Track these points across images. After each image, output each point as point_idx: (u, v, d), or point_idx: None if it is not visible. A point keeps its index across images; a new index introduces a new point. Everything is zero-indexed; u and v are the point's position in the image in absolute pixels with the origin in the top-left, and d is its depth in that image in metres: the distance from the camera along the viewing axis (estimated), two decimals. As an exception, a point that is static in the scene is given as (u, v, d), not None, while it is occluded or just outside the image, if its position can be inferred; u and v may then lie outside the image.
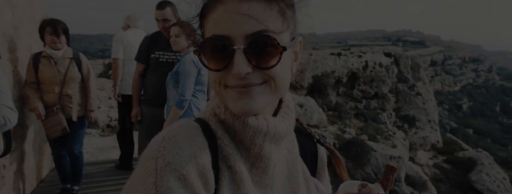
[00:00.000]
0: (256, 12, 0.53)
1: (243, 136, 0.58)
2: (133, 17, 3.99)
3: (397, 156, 11.20)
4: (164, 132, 0.54)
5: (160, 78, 2.78)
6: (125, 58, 3.72)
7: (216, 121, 0.61)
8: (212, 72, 0.56)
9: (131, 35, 3.80)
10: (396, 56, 19.82)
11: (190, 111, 2.61)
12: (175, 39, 2.54)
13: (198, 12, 0.59)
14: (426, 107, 17.79)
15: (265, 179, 0.61)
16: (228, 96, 0.56)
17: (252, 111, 0.55)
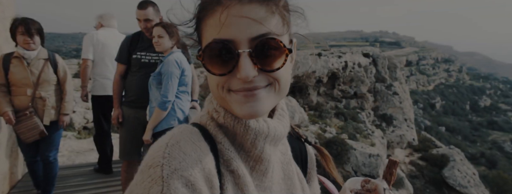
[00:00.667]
0: (259, 15, 0.52)
1: (244, 140, 0.58)
2: (106, 16, 3.88)
3: (376, 154, 11.54)
4: (166, 138, 0.53)
5: (142, 79, 2.72)
6: (96, 58, 3.61)
7: (214, 125, 0.60)
8: (213, 76, 0.55)
9: (102, 35, 3.69)
10: (374, 56, 20.38)
11: (174, 113, 2.56)
12: (158, 40, 2.49)
13: (194, 16, 0.58)
14: (402, 106, 18.43)
15: (264, 182, 0.61)
16: (232, 100, 0.55)
17: (259, 114, 0.55)
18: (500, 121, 61.02)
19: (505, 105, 79.12)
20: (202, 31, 0.57)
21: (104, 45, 3.58)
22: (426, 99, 58.04)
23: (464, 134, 48.69)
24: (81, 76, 3.67)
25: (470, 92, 77.33)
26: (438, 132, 39.64)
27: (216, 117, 0.60)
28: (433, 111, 54.99)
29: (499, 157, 39.78)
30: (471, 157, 30.72)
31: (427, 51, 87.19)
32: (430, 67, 79.85)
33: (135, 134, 2.77)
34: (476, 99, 74.16)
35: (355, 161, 11.35)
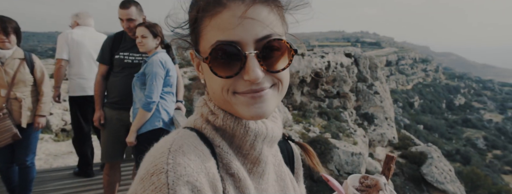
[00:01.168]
0: (262, 16, 0.53)
1: (243, 141, 0.58)
2: (82, 15, 3.77)
3: (358, 153, 11.78)
4: (167, 144, 0.50)
5: (125, 80, 2.67)
6: (71, 57, 3.51)
7: (211, 128, 0.59)
8: (217, 79, 0.54)
9: (78, 33, 3.57)
10: (356, 56, 20.79)
11: (158, 114, 2.51)
12: (142, 40, 2.44)
13: (193, 17, 0.56)
14: (383, 105, 18.90)
15: (261, 184, 0.61)
16: (239, 102, 0.55)
17: (266, 115, 0.55)
18: (473, 119, 63.79)
19: (478, 104, 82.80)
20: (201, 32, 0.55)
21: (79, 44, 3.47)
22: (405, 98, 59.84)
23: (441, 132, 50.56)
24: (54, 77, 3.54)
25: (446, 91, 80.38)
26: (417, 130, 40.97)
27: (212, 120, 0.59)
28: (412, 110, 56.77)
29: (472, 153, 41.56)
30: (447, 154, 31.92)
31: (406, 51, 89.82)
32: (409, 67, 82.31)
33: (118, 136, 2.72)
34: (451, 97, 77.17)
35: (338, 160, 11.54)
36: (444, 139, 46.55)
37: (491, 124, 64.68)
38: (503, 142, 54.06)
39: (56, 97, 3.57)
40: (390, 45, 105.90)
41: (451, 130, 55.31)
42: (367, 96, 19.14)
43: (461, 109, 73.27)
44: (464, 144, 48.81)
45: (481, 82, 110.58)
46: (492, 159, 45.44)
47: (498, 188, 26.74)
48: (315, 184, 11.80)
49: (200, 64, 0.61)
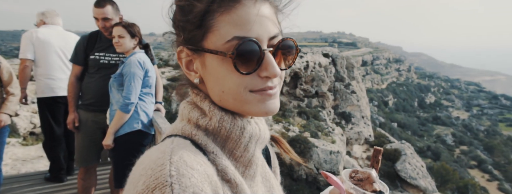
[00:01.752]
0: (270, 15, 0.54)
1: (237, 144, 0.56)
2: (49, 13, 3.60)
3: (336, 151, 12.03)
4: (165, 155, 0.46)
5: (101, 81, 2.59)
6: (38, 57, 3.35)
7: (202, 134, 0.55)
8: (233, 77, 0.53)
9: (43, 32, 3.41)
10: (333, 56, 21.23)
11: (137, 115, 2.45)
12: (119, 40, 2.36)
13: (203, 10, 0.53)
14: (360, 104, 19.43)
15: (253, 186, 0.60)
16: (254, 100, 0.54)
17: (276, 111, 0.56)
18: (442, 116, 67.07)
19: (447, 102, 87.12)
20: (212, 27, 0.53)
21: (46, 43, 3.32)
22: (380, 97, 61.88)
23: (413, 129, 52.73)
24: (19, 78, 3.35)
25: (417, 90, 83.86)
26: (391, 128, 42.47)
27: (204, 124, 0.56)
28: (387, 108, 58.80)
29: (442, 149, 43.69)
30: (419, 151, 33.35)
31: (380, 51, 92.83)
32: (383, 67, 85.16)
33: (93, 139, 2.65)
34: (423, 96, 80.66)
35: (317, 158, 11.73)
36: (417, 136, 48.62)
37: (458, 121, 68.27)
38: (469, 138, 57.26)
39: (23, 98, 3.38)
40: (365, 46, 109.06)
41: (422, 127, 57.86)
42: (344, 95, 19.61)
43: (431, 107, 76.81)
44: (434, 140, 51.24)
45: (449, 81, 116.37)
46: (460, 155, 48.01)
47: (464, 182, 28.31)
48: (295, 182, 11.93)
49: (193, 62, 0.58)
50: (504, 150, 51.95)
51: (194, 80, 0.58)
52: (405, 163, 15.75)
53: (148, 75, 2.43)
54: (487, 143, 54.37)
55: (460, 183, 27.81)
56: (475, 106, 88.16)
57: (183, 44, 0.57)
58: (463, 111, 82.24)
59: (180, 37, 0.57)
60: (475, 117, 76.52)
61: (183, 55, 0.58)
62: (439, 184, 22.14)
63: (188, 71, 0.59)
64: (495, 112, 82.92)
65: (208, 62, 0.55)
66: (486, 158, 47.91)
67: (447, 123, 64.01)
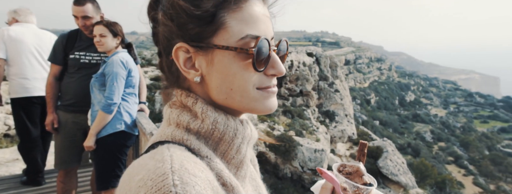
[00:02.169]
0: (268, 15, 0.57)
1: (229, 146, 0.55)
2: (22, 11, 3.47)
3: (321, 149, 12.20)
4: (165, 164, 0.43)
5: (81, 81, 2.52)
6: (10, 56, 3.22)
7: (194, 138, 0.53)
8: (246, 74, 0.54)
9: (15, 30, 3.29)
10: (317, 55, 21.48)
11: (120, 116, 2.41)
12: (101, 39, 2.30)
13: (216, 7, 0.53)
14: (343, 102, 19.77)
15: (244, 187, 0.60)
16: (261, 97, 0.56)
17: (276, 108, 0.59)
18: (422, 114, 69.22)
19: (426, 100, 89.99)
20: (225, 23, 0.53)
21: (18, 41, 3.20)
22: (363, 96, 63.16)
23: (394, 127, 54.16)
24: None
25: (398, 88, 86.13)
26: (373, 125, 43.45)
27: (195, 127, 0.54)
28: (369, 107, 60.08)
29: (421, 146, 45.13)
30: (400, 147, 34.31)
31: (362, 50, 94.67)
32: (365, 66, 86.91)
33: (74, 140, 2.59)
34: (403, 94, 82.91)
35: (302, 157, 11.85)
36: (397, 134, 49.97)
37: (436, 119, 70.67)
38: (447, 134, 59.41)
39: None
40: (348, 45, 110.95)
41: (403, 125, 59.53)
42: (328, 94, 19.89)
43: (411, 105, 79.11)
44: (414, 137, 52.83)
45: (428, 80, 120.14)
46: (438, 151, 49.75)
47: (442, 177, 29.38)
48: (280, 181, 12.01)
49: (192, 59, 0.55)
50: (478, 146, 54.26)
51: (194, 79, 0.55)
52: (386, 160, 16.16)
53: (131, 75, 2.39)
54: (463, 139, 56.61)
55: (439, 179, 28.85)
56: (452, 104, 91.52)
57: (185, 40, 0.54)
58: (441, 108, 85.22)
59: (178, 33, 0.54)
60: (452, 114, 79.48)
61: (182, 53, 0.55)
62: (418, 180, 22.87)
63: (186, 70, 0.55)
64: (470, 109, 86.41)
65: (218, 59, 0.53)
66: (462, 154, 49.88)
67: (426, 121, 66.14)
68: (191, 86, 0.58)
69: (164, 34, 0.56)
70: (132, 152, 3.22)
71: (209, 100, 0.57)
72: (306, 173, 12.03)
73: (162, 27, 0.56)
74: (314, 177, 11.97)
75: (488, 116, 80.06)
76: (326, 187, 0.65)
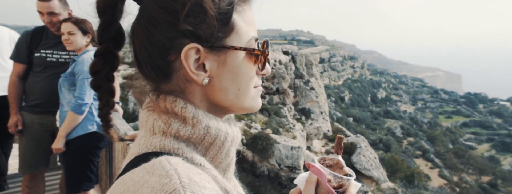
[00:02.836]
0: None
1: (219, 150, 0.54)
2: None
3: (297, 146, 12.38)
4: (173, 179, 0.40)
5: (48, 80, 2.39)
6: None
7: (184, 146, 0.51)
8: (250, 74, 0.56)
9: None
10: (293, 54, 21.74)
11: (92, 117, 2.31)
12: (69, 37, 2.19)
13: (230, 6, 0.53)
14: (318, 100, 20.17)
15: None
16: (255, 95, 0.59)
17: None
18: (392, 110, 72.22)
19: (396, 96, 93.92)
20: (236, 25, 0.54)
21: None
22: (337, 93, 64.81)
23: (367, 123, 56.10)
24: None
25: (370, 85, 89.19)
26: (347, 122, 44.76)
27: (186, 134, 0.51)
28: (343, 104, 61.76)
29: (392, 141, 47.14)
30: (372, 143, 35.59)
31: (336, 49, 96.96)
32: (339, 64, 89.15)
33: (40, 143, 2.46)
34: (375, 92, 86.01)
35: (279, 154, 11.97)
36: (370, 130, 51.79)
37: (406, 115, 74.02)
38: (415, 130, 62.44)
39: None
40: (322, 43, 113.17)
41: (375, 121, 61.78)
42: (304, 92, 20.20)
43: (382, 101, 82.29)
44: (385, 133, 55.05)
45: (397, 77, 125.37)
46: (407, 146, 52.21)
47: (411, 171, 30.91)
48: (257, 179, 12.07)
49: (201, 61, 0.52)
50: (443, 140, 57.54)
51: (203, 81, 0.52)
52: (360, 155, 16.71)
53: None
54: (429, 134, 59.79)
55: (408, 172, 30.30)
56: (419, 100, 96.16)
57: (197, 41, 0.51)
58: (410, 105, 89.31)
59: (187, 33, 0.51)
60: (419, 110, 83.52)
61: (192, 54, 0.51)
62: (389, 174, 23.88)
63: (196, 72, 0.52)
64: (436, 105, 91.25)
65: (230, 60, 0.53)
66: (429, 148, 52.69)
67: (396, 117, 69.06)
68: (187, 89, 0.54)
69: (164, 33, 0.51)
70: (104, 153, 3.10)
71: (206, 103, 0.55)
72: (283, 171, 12.17)
73: (159, 25, 0.51)
74: (291, 174, 12.14)
75: (451, 112, 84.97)
76: (310, 180, 0.66)
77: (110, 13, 0.53)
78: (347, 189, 0.66)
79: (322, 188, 0.66)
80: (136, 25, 0.53)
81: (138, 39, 0.53)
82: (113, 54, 0.56)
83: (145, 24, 0.51)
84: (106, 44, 0.55)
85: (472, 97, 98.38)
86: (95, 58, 0.56)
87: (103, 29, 0.53)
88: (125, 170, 0.48)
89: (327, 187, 0.64)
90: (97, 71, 0.56)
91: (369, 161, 16.85)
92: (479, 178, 46.57)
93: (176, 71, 0.53)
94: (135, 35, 0.53)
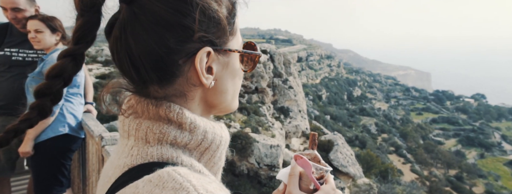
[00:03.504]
0: None
1: (213, 155, 0.53)
2: None
3: (276, 145, 12.47)
4: (190, 192, 0.39)
5: (13, 80, 2.27)
6: None
7: (181, 153, 0.49)
8: (241, 75, 0.59)
9: None
10: (271, 53, 21.84)
11: (63, 118, 2.22)
12: (36, 35, 2.08)
13: (233, 12, 0.55)
14: (297, 98, 20.42)
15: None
16: (237, 96, 0.61)
17: None
18: (367, 108, 74.44)
19: (370, 94, 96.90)
20: (237, 30, 0.57)
21: None
22: (315, 91, 65.91)
23: (344, 121, 57.48)
24: None
25: (346, 84, 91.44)
26: (325, 120, 45.66)
27: (183, 141, 0.49)
28: (320, 102, 62.90)
29: (367, 138, 48.60)
30: (349, 140, 36.52)
31: (313, 48, 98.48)
32: (317, 63, 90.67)
33: (6, 147, 2.28)
34: (351, 90, 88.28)
35: (258, 153, 12.00)
36: (346, 127, 53.11)
37: (380, 112, 76.56)
38: (389, 126, 64.75)
39: None
40: (300, 42, 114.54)
41: (351, 118, 63.44)
42: (282, 90, 20.37)
43: (358, 99, 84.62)
44: (361, 130, 56.67)
45: (372, 76, 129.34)
46: (381, 142, 54.05)
47: (385, 167, 32.05)
48: (237, 178, 12.05)
49: (210, 63, 0.52)
50: (415, 136, 60.11)
51: (210, 84, 0.52)
52: (337, 152, 17.09)
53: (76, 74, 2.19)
54: (402, 130, 62.22)
55: (382, 168, 31.38)
56: (392, 98, 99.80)
57: (209, 45, 0.51)
58: (384, 102, 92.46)
59: (201, 37, 0.50)
60: (392, 107, 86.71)
61: (204, 58, 0.50)
62: (365, 170, 24.62)
63: (206, 75, 0.51)
64: (407, 103, 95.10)
65: (232, 63, 0.56)
66: (401, 144, 54.83)
67: (371, 114, 71.28)
68: (190, 92, 0.52)
69: (177, 36, 0.48)
70: (77, 156, 2.97)
71: (202, 106, 0.55)
72: (262, 169, 12.22)
73: (171, 27, 0.48)
74: (270, 173, 12.22)
75: (422, 109, 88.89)
76: (294, 174, 0.68)
77: (96, 11, 0.47)
78: (327, 180, 0.70)
79: (304, 181, 0.69)
80: (133, 25, 0.48)
81: (138, 40, 0.48)
82: (82, 56, 0.50)
83: (151, 25, 0.47)
84: (83, 45, 0.48)
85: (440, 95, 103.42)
86: (64, 59, 0.48)
87: (88, 29, 0.47)
88: (122, 183, 0.44)
89: (312, 178, 0.68)
90: (60, 74, 0.48)
91: (346, 158, 17.28)
92: (446, 171, 49.09)
93: (182, 75, 0.50)
94: (133, 36, 0.48)
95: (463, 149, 62.90)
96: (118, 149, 0.54)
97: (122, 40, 0.49)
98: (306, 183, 0.69)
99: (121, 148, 0.52)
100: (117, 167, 0.49)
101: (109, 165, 0.54)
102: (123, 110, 0.53)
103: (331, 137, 18.28)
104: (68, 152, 2.28)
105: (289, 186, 0.68)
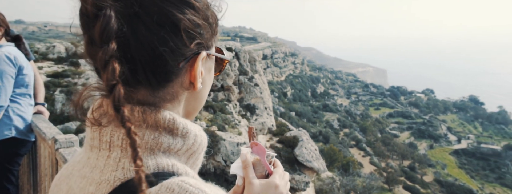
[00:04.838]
0: None
1: (198, 157, 0.53)
2: None
3: (243, 143, 12.49)
4: None
5: None
6: None
7: (175, 160, 0.47)
8: (212, 78, 0.60)
9: None
10: (237, 50, 21.80)
11: (9, 121, 2.05)
12: None
13: (216, 16, 0.56)
14: (263, 96, 20.60)
15: None
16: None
17: None
18: (330, 104, 77.27)
19: (333, 91, 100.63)
20: (217, 34, 0.57)
21: None
22: (280, 89, 66.98)
23: (308, 117, 59.16)
24: None
25: (310, 81, 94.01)
26: (290, 117, 46.62)
27: (177, 148, 0.48)
28: (286, 99, 64.09)
29: (330, 133, 50.52)
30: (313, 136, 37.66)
31: (278, 46, 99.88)
32: (281, 60, 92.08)
33: None
34: (314, 87, 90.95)
35: (225, 151, 11.95)
36: (311, 123, 54.73)
37: (342, 108, 79.87)
38: (350, 121, 67.82)
39: None
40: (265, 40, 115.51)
41: (315, 114, 65.45)
42: (248, 88, 20.44)
43: (321, 96, 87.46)
44: (324, 126, 58.72)
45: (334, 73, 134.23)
46: (343, 137, 56.48)
47: (347, 160, 33.60)
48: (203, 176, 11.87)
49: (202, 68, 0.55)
50: (373, 130, 63.60)
51: (199, 88, 0.53)
52: (302, 148, 17.54)
53: (22, 73, 2.04)
54: (362, 125, 65.48)
55: (344, 161, 32.85)
56: (353, 94, 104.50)
57: (203, 49, 0.52)
58: (345, 98, 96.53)
59: (202, 43, 0.51)
60: (353, 103, 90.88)
61: (201, 62, 0.52)
62: (328, 164, 25.58)
63: (198, 79, 0.52)
64: (366, 98, 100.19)
65: (210, 66, 0.57)
66: (361, 138, 57.73)
67: (334, 110, 74.11)
68: (180, 96, 0.51)
69: (182, 39, 0.47)
70: (27, 160, 2.74)
71: (185, 109, 0.55)
72: (229, 167, 12.20)
73: (177, 30, 0.47)
74: (237, 170, 12.22)
75: (379, 104, 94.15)
76: (248, 164, 0.70)
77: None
78: (276, 164, 0.76)
79: (258, 169, 0.72)
80: (133, 25, 0.44)
81: (139, 40, 0.45)
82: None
83: (156, 26, 0.45)
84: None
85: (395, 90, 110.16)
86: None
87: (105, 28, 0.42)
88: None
89: (265, 163, 0.72)
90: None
91: (311, 153, 17.79)
92: (401, 162, 52.62)
93: (177, 78, 0.49)
94: (134, 36, 0.45)
95: (415, 141, 67.74)
96: (89, 162, 0.48)
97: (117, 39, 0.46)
98: (260, 171, 0.72)
99: (98, 161, 0.47)
100: (103, 182, 0.44)
101: (79, 180, 0.47)
102: (92, 119, 0.47)
103: (296, 133, 18.71)
104: (15, 157, 2.10)
105: (248, 177, 0.69)
